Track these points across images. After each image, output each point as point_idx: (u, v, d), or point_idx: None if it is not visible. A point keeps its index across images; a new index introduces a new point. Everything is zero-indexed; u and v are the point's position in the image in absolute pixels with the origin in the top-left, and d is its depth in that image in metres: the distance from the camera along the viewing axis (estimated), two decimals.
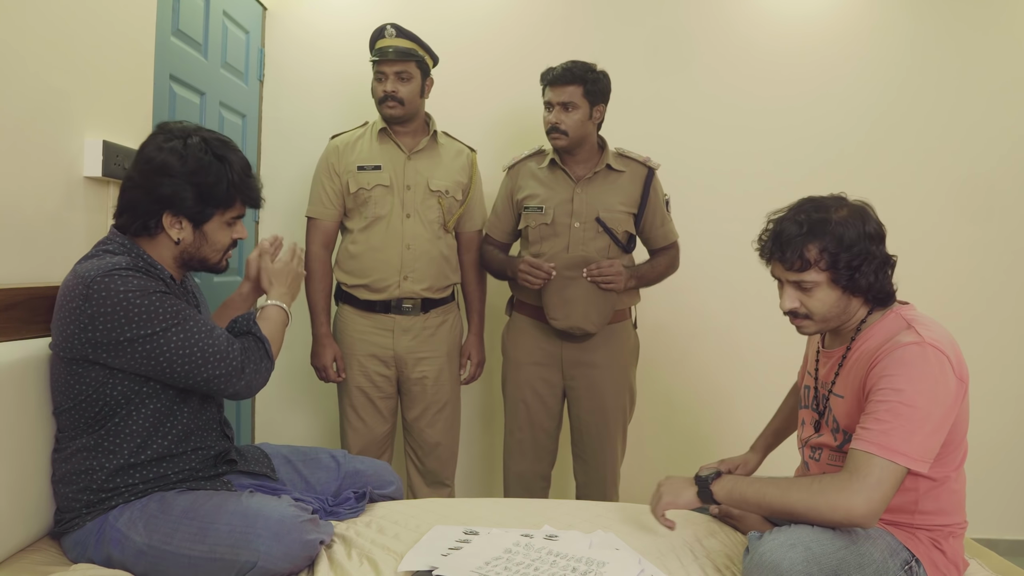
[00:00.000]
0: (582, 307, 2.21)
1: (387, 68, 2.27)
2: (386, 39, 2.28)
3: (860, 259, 1.38)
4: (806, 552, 1.25)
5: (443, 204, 2.35)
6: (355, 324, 2.35)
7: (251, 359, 1.47)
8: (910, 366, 1.32)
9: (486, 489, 2.96)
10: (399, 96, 2.28)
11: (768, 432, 1.83)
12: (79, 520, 1.41)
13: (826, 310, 1.44)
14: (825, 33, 2.89)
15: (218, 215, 1.48)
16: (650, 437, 2.87)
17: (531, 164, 2.38)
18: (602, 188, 2.29)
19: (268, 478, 1.62)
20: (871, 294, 1.43)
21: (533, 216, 2.31)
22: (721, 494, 1.45)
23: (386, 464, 1.86)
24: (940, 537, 1.41)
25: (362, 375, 2.35)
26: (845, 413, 1.44)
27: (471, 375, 2.50)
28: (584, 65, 2.23)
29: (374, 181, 2.30)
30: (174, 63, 2.17)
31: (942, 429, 1.33)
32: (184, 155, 1.42)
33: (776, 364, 2.83)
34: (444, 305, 2.40)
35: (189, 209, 1.44)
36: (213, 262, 1.54)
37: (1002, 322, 2.91)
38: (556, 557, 1.45)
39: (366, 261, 2.31)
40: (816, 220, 1.40)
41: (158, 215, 1.44)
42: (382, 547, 1.50)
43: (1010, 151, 2.89)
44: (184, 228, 1.47)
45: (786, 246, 1.41)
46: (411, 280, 2.31)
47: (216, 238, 1.51)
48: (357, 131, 2.41)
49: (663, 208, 2.36)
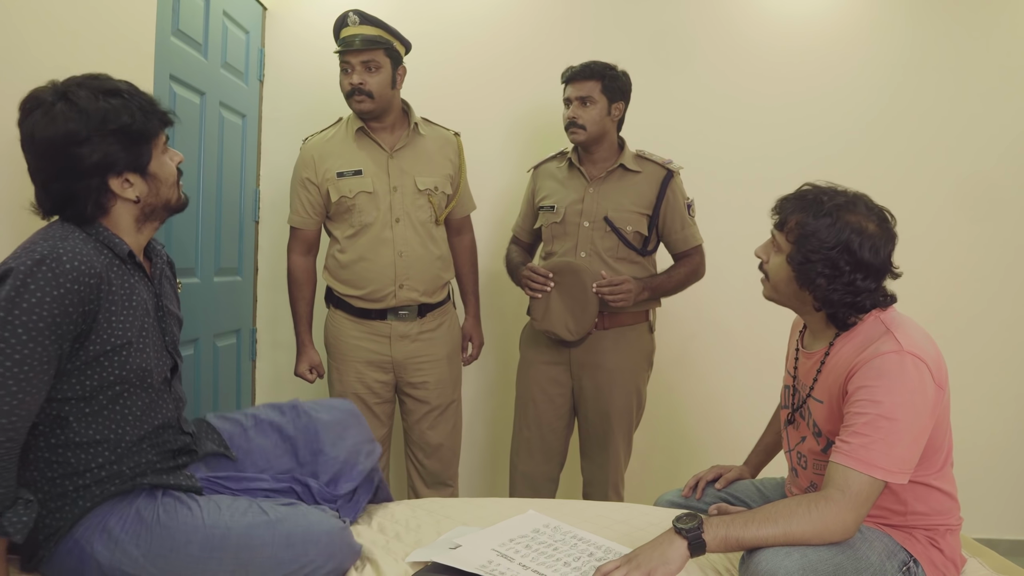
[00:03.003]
0: (560, 314, 2.21)
1: (353, 59, 2.14)
2: (349, 27, 2.15)
3: (823, 263, 1.36)
4: (802, 559, 1.24)
5: (433, 202, 2.28)
6: (349, 330, 2.29)
7: None
8: (889, 377, 1.31)
9: (490, 489, 2.96)
10: (367, 89, 2.15)
11: (759, 448, 1.83)
12: (43, 551, 1.25)
13: (777, 280, 1.46)
14: (824, 32, 2.89)
15: (154, 150, 1.32)
16: (650, 438, 2.87)
17: (551, 165, 2.42)
18: (614, 188, 2.29)
19: (224, 456, 1.50)
20: (825, 306, 1.40)
21: (546, 215, 2.34)
22: (714, 544, 1.30)
23: (349, 405, 1.72)
24: (937, 535, 1.41)
25: (359, 382, 2.30)
26: (825, 418, 1.43)
27: (472, 356, 2.52)
28: (603, 63, 2.26)
29: (356, 188, 2.20)
30: (174, 63, 2.17)
31: (921, 439, 1.32)
32: (82, 112, 1.24)
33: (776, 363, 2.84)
34: (440, 307, 2.36)
35: (126, 161, 1.28)
36: (175, 201, 1.39)
37: (1001, 321, 2.91)
38: (577, 541, 1.50)
39: (359, 271, 2.23)
40: (823, 205, 1.39)
41: (103, 186, 1.28)
42: (383, 547, 1.50)
43: (1009, 149, 2.89)
44: (135, 183, 1.31)
45: (786, 201, 1.45)
46: (407, 288, 2.25)
47: (165, 173, 1.35)
48: (330, 130, 2.31)
49: (683, 211, 2.31)
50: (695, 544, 1.29)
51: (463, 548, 1.43)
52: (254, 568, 1.28)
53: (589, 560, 1.41)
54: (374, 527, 1.61)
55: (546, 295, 2.21)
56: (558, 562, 1.40)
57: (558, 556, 1.43)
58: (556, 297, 2.21)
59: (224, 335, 2.62)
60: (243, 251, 2.75)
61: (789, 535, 1.28)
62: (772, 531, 1.29)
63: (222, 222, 2.53)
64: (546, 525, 1.57)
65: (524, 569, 1.37)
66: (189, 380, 2.32)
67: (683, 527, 1.31)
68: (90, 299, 1.22)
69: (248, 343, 2.83)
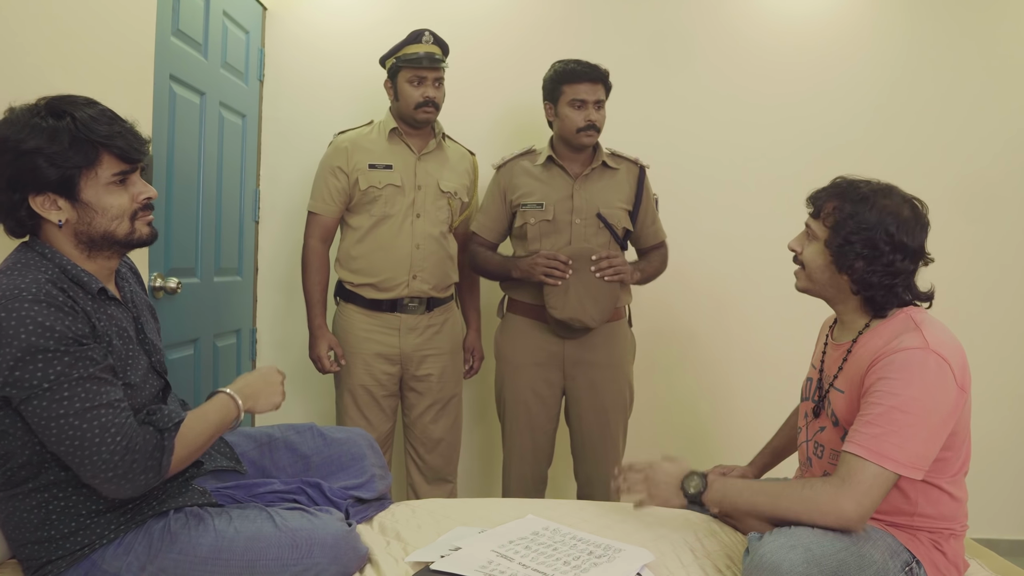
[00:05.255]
0: (582, 299, 2.20)
1: (428, 74, 2.31)
2: (423, 44, 2.32)
3: (862, 244, 1.39)
4: (806, 553, 1.25)
5: (452, 205, 2.40)
6: (359, 323, 2.36)
7: (134, 463, 1.21)
8: (909, 371, 1.31)
9: (485, 487, 2.96)
10: (437, 102, 2.34)
11: (767, 451, 1.83)
12: (52, 568, 1.26)
13: (813, 268, 1.47)
14: (822, 31, 2.89)
15: (84, 176, 1.24)
16: (649, 438, 2.87)
17: (524, 163, 2.37)
18: (600, 185, 2.32)
19: (236, 472, 1.52)
20: (863, 289, 1.42)
21: (533, 213, 2.31)
22: (714, 505, 1.47)
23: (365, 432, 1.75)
24: (941, 539, 1.40)
25: (367, 374, 2.36)
26: (845, 408, 1.44)
27: (474, 370, 2.57)
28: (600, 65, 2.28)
29: (385, 180, 2.33)
30: (174, 63, 2.17)
31: (938, 437, 1.32)
32: (12, 122, 1.21)
33: (776, 363, 2.84)
34: (446, 304, 2.44)
35: (50, 181, 1.21)
36: (121, 233, 1.30)
37: (1000, 321, 2.91)
38: (577, 541, 1.51)
39: (374, 260, 2.33)
40: (859, 190, 1.42)
41: (23, 203, 1.23)
42: (383, 548, 1.50)
43: (1005, 149, 2.89)
44: (61, 206, 1.24)
45: (821, 190, 1.48)
46: (419, 279, 2.34)
47: (105, 204, 1.27)
48: (363, 129, 2.43)
49: (653, 207, 2.41)
50: (695, 506, 1.49)
51: (463, 550, 1.43)
52: (260, 569, 1.28)
53: (589, 559, 1.41)
54: (374, 527, 1.61)
55: (565, 283, 2.20)
56: (558, 562, 1.40)
57: (558, 556, 1.43)
58: (574, 284, 2.20)
59: (224, 335, 2.62)
60: (243, 251, 2.75)
61: (778, 508, 1.35)
62: (765, 502, 1.37)
63: (222, 222, 2.53)
64: (545, 527, 1.58)
65: (524, 568, 1.37)
66: (189, 380, 2.33)
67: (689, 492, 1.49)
68: None
69: (248, 343, 2.83)
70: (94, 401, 1.18)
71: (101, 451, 1.17)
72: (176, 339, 2.21)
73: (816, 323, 1.73)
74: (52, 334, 1.16)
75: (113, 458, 1.18)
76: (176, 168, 2.19)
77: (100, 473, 1.19)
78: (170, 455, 1.25)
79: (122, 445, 1.19)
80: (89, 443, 1.17)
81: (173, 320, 2.16)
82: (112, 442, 1.18)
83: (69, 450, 1.18)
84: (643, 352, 2.52)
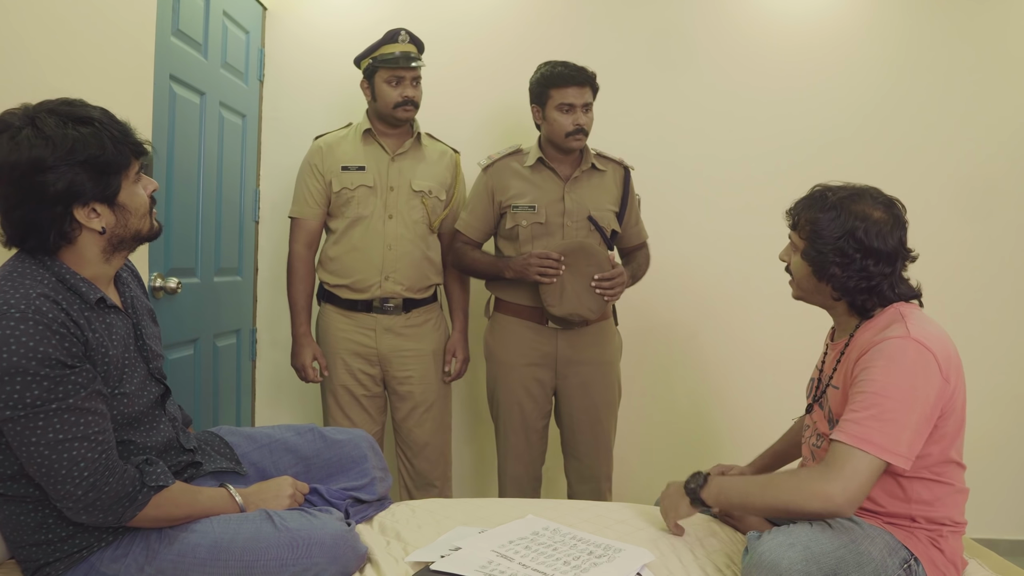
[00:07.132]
0: (578, 294, 2.20)
1: (406, 73, 2.30)
2: (400, 44, 2.31)
3: (833, 253, 1.43)
4: (805, 551, 1.26)
5: (427, 204, 2.37)
6: (337, 323, 2.37)
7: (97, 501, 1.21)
8: (889, 359, 1.35)
9: (480, 489, 2.96)
10: (416, 101, 2.33)
11: (768, 453, 1.83)
12: (51, 570, 1.27)
13: (799, 278, 1.53)
14: (819, 30, 2.89)
15: (124, 180, 1.27)
16: (636, 436, 2.87)
17: (513, 164, 2.34)
18: (589, 187, 2.32)
19: (236, 473, 1.52)
20: (844, 294, 1.47)
21: (525, 215, 2.29)
22: (711, 500, 1.50)
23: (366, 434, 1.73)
24: (939, 536, 1.41)
25: (347, 373, 2.37)
26: (839, 403, 1.47)
27: (457, 372, 2.49)
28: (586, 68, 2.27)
29: (358, 181, 2.33)
30: (174, 63, 2.17)
31: (922, 424, 1.34)
32: (49, 139, 1.18)
33: (768, 361, 2.85)
34: (426, 305, 2.42)
35: (94, 191, 1.23)
36: (146, 231, 1.34)
37: (999, 320, 2.91)
38: (577, 541, 1.51)
39: (348, 261, 2.34)
40: (827, 200, 1.45)
41: (67, 215, 1.23)
42: (383, 548, 1.50)
43: (1003, 146, 2.89)
44: (102, 213, 1.26)
45: (798, 202, 1.52)
46: (392, 280, 2.33)
47: (135, 204, 1.30)
48: (341, 131, 2.44)
49: (637, 208, 2.42)
50: (696, 502, 1.51)
51: (463, 550, 1.43)
52: (258, 569, 1.28)
53: (589, 559, 1.42)
54: (374, 527, 1.61)
55: (560, 279, 2.20)
56: (558, 561, 1.41)
57: (558, 556, 1.43)
58: (569, 280, 2.20)
59: (224, 335, 2.62)
60: (243, 251, 2.75)
61: (767, 497, 1.39)
62: (756, 492, 1.41)
63: (222, 222, 2.53)
64: (545, 527, 1.58)
65: (524, 568, 1.37)
66: (189, 380, 2.33)
67: (689, 485, 1.54)
68: None
69: (248, 343, 2.83)
70: (68, 434, 1.18)
71: (66, 483, 1.18)
72: (176, 339, 2.21)
73: (806, 321, 1.76)
74: (35, 355, 1.15)
75: (76, 492, 1.19)
76: (176, 168, 2.19)
77: (60, 500, 1.21)
78: (138, 509, 1.25)
79: (88, 482, 1.19)
80: (55, 474, 1.18)
81: (173, 320, 2.16)
82: (79, 477, 1.19)
83: (37, 474, 1.19)
84: (629, 350, 2.52)
